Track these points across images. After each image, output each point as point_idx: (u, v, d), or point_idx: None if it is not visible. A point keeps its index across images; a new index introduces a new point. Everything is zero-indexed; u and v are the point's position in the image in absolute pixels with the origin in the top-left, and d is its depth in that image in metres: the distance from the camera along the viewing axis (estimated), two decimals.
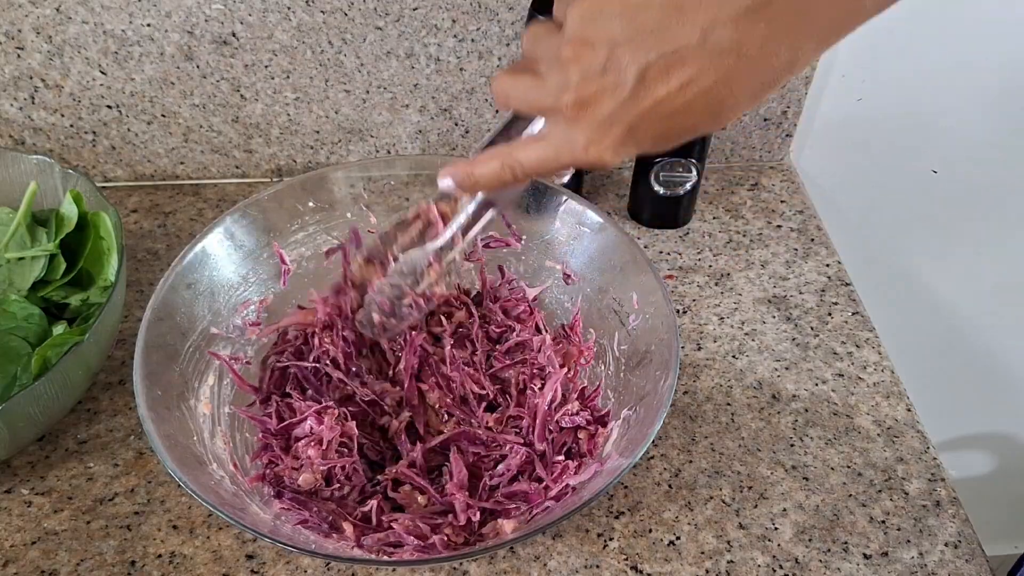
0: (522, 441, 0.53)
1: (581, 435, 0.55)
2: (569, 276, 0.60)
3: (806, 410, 0.62)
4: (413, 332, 0.56)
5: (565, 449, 0.54)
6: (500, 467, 0.53)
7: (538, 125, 0.42)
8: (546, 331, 0.60)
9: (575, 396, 0.56)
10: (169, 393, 0.49)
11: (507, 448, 0.53)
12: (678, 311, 0.70)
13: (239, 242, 0.56)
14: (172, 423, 0.47)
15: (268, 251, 0.57)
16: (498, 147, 0.41)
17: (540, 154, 0.39)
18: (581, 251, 0.59)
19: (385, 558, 0.47)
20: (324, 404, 0.53)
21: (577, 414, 0.55)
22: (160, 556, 0.53)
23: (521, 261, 0.62)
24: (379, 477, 0.52)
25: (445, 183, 0.43)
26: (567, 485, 0.51)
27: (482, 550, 0.45)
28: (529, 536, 0.45)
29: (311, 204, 0.58)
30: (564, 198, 0.59)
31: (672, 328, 0.51)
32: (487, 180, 0.42)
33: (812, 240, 0.77)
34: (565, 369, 0.57)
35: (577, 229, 0.59)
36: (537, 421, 0.54)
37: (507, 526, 0.49)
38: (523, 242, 0.61)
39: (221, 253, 0.55)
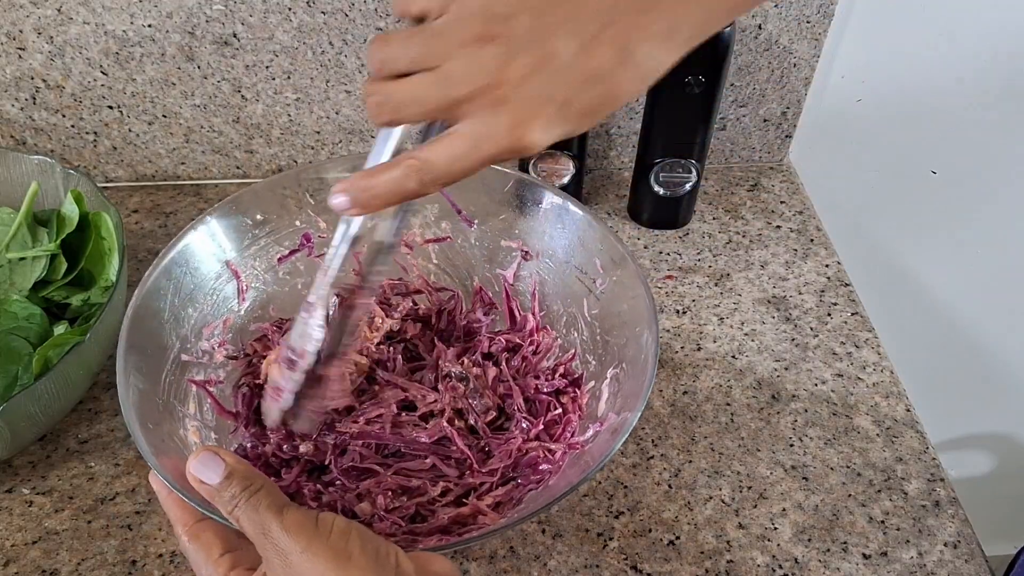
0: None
1: (564, 399, 0.56)
2: (527, 253, 0.60)
3: (806, 410, 0.63)
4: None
5: (554, 413, 0.55)
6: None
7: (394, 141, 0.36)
8: (519, 312, 0.61)
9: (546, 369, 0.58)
10: (160, 428, 0.48)
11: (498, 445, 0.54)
12: (677, 312, 0.70)
13: (193, 265, 0.55)
14: (171, 457, 0.46)
15: (223, 270, 0.57)
16: (399, 155, 0.36)
17: (453, 150, 0.34)
18: (536, 227, 0.59)
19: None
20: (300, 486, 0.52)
21: (554, 379, 0.56)
22: (161, 556, 0.53)
23: (476, 245, 0.62)
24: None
25: (338, 201, 0.36)
26: (574, 444, 0.51)
27: (518, 520, 0.44)
28: (553, 504, 0.44)
29: (259, 217, 0.58)
30: (511, 179, 0.59)
31: (642, 284, 0.51)
32: (387, 191, 0.35)
33: (812, 240, 0.77)
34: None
35: (529, 207, 0.59)
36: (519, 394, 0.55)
37: (483, 519, 0.49)
38: (475, 225, 0.61)
39: (178, 278, 0.54)
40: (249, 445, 0.53)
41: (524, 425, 0.54)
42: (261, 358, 0.57)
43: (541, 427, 0.54)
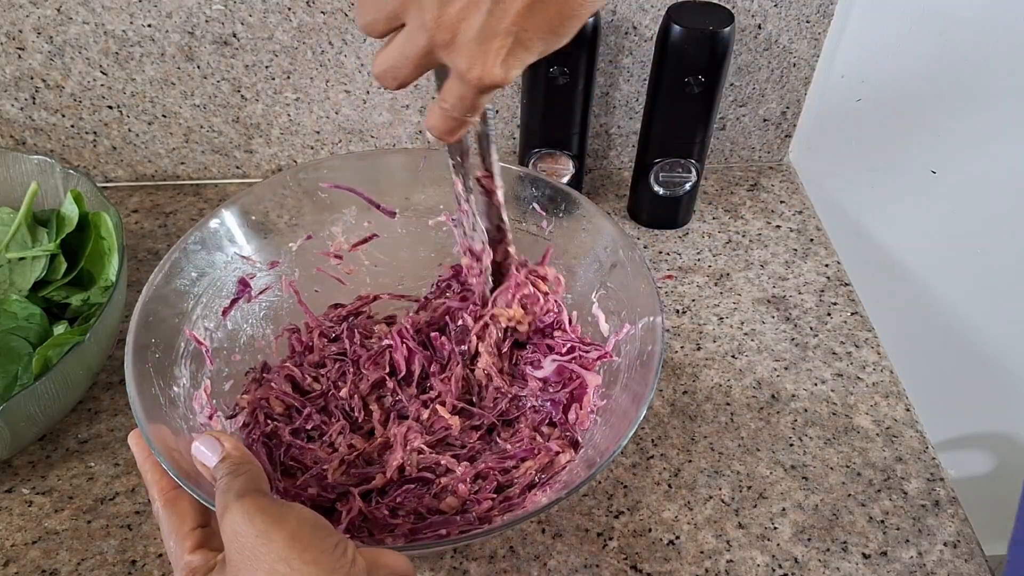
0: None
1: (556, 333, 0.55)
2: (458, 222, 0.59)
3: (805, 410, 0.63)
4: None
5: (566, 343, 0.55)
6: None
7: None
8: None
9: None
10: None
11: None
12: (677, 311, 0.70)
13: (157, 343, 0.51)
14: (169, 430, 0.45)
15: (182, 339, 0.53)
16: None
17: (451, 88, 0.38)
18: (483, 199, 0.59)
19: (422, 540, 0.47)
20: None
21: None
22: (161, 556, 0.53)
23: (404, 234, 0.61)
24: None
25: (431, 136, 0.43)
26: (605, 353, 0.52)
27: (584, 480, 0.43)
28: (631, 429, 0.43)
29: (193, 275, 0.54)
30: (422, 156, 0.58)
31: (596, 210, 0.52)
32: (441, 128, 0.41)
33: (811, 240, 0.77)
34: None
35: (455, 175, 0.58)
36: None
37: (563, 458, 0.50)
38: (397, 215, 0.60)
39: (152, 359, 0.50)
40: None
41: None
42: (268, 417, 0.55)
43: (567, 348, 0.53)
